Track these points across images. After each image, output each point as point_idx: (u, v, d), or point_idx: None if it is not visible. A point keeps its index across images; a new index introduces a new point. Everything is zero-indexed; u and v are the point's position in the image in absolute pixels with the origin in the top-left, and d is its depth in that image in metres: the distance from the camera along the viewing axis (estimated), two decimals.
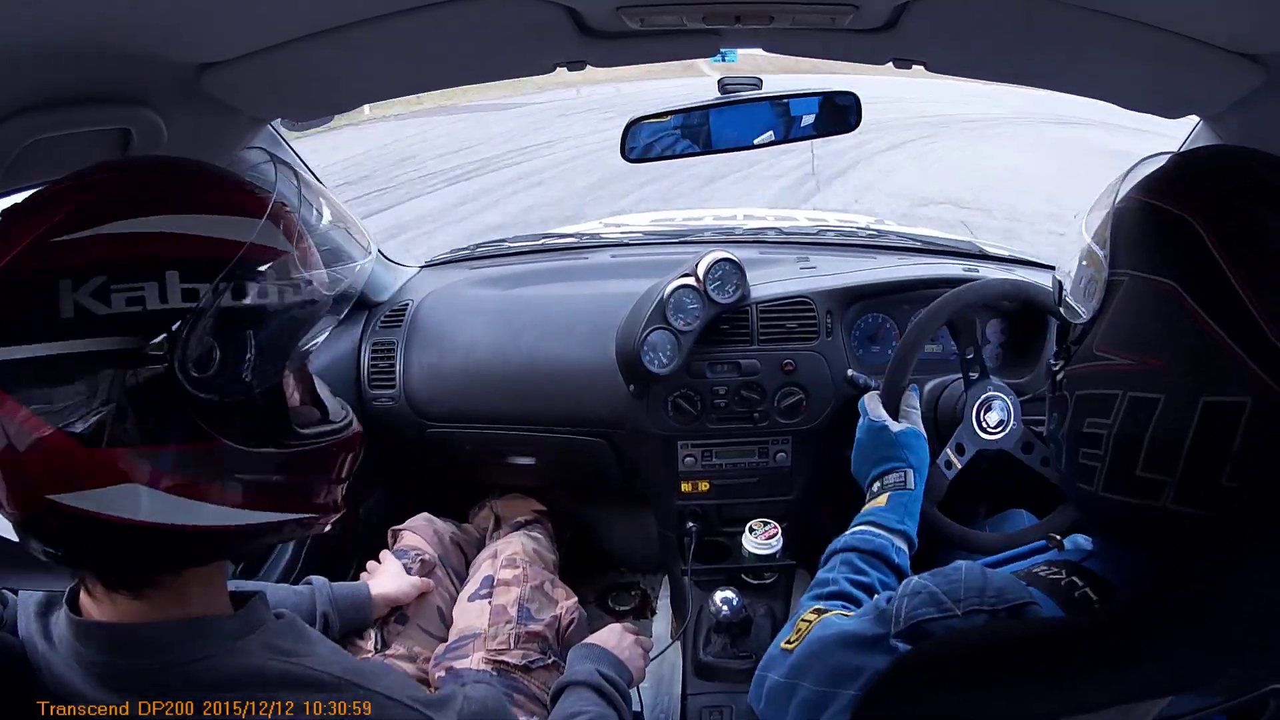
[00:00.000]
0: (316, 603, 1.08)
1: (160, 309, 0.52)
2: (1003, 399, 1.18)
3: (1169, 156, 0.61)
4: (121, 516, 0.53)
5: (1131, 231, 0.58)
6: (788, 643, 0.77)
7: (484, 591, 1.24)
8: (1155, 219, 0.56)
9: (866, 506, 1.03)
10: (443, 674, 1.10)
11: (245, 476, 0.57)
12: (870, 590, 0.89)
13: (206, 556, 0.60)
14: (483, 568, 1.31)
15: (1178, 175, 0.58)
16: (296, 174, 0.65)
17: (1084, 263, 0.62)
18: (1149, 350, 0.55)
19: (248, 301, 0.56)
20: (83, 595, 0.59)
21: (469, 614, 1.21)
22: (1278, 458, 0.50)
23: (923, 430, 1.12)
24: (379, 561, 1.29)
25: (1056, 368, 0.65)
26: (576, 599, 1.31)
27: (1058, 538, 0.74)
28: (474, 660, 1.11)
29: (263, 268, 0.57)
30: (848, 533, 0.99)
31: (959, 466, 1.16)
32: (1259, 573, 0.48)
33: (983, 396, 1.17)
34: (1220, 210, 0.53)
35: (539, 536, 1.44)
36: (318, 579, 1.13)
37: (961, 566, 0.66)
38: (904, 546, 0.97)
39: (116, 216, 0.53)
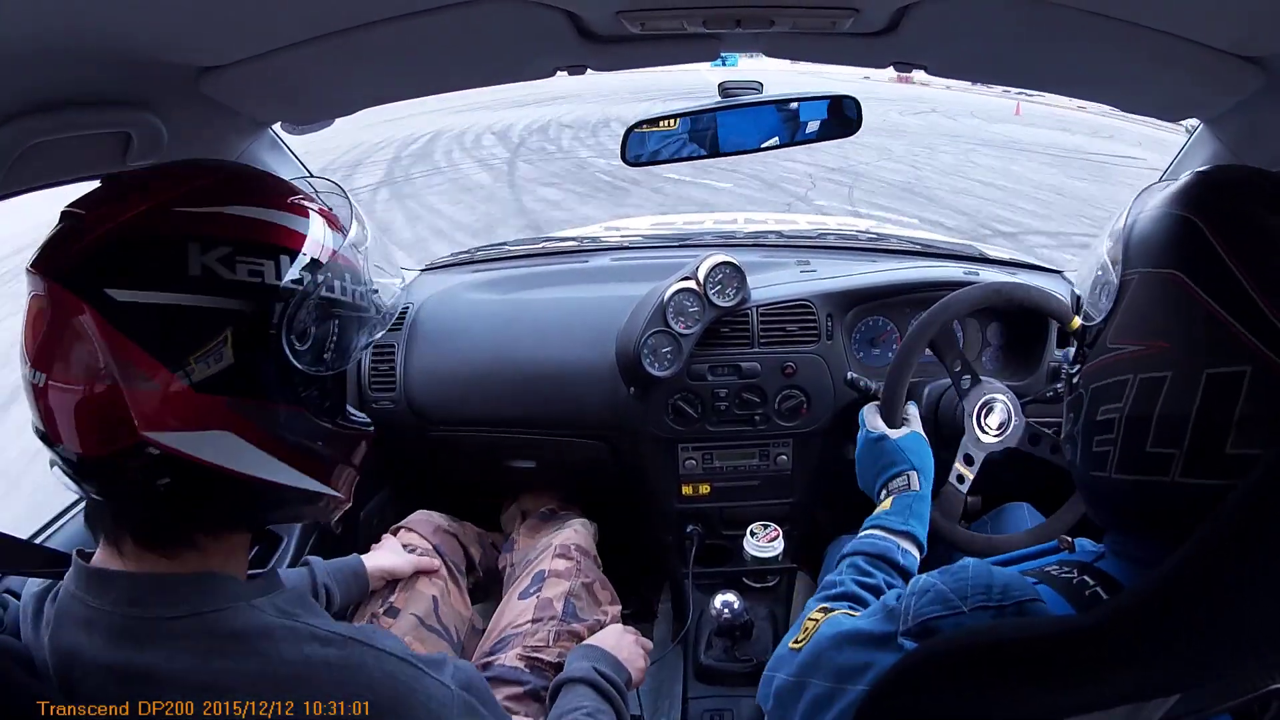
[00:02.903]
0: (316, 576, 1.09)
1: (275, 284, 0.60)
2: (1002, 400, 1.17)
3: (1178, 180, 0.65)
4: (207, 460, 0.59)
5: (1142, 236, 0.63)
6: (795, 642, 0.78)
7: (534, 588, 1.23)
8: (1163, 223, 0.61)
9: (874, 513, 1.03)
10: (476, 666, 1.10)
11: (306, 443, 0.65)
12: (876, 591, 0.90)
13: (253, 514, 0.67)
14: (537, 562, 1.29)
15: (1187, 187, 0.63)
16: (360, 214, 0.73)
17: (1099, 272, 0.67)
18: (1157, 334, 0.59)
19: (335, 295, 0.65)
20: (100, 554, 0.62)
21: (514, 611, 1.20)
22: (1276, 420, 0.53)
23: (923, 434, 1.12)
24: (379, 542, 1.29)
25: (1074, 371, 0.69)
26: (620, 607, 1.29)
27: (1069, 540, 0.76)
28: (509, 658, 1.10)
29: (345, 271, 0.66)
30: (855, 538, 0.99)
31: (971, 478, 1.16)
32: (1261, 570, 0.48)
33: (981, 400, 1.17)
34: (1219, 209, 0.58)
35: (586, 530, 1.42)
36: (314, 558, 1.13)
37: (969, 564, 0.67)
38: (910, 549, 0.97)
39: (237, 201, 0.61)
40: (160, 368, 0.56)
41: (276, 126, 1.16)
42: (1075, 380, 0.68)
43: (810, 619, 0.81)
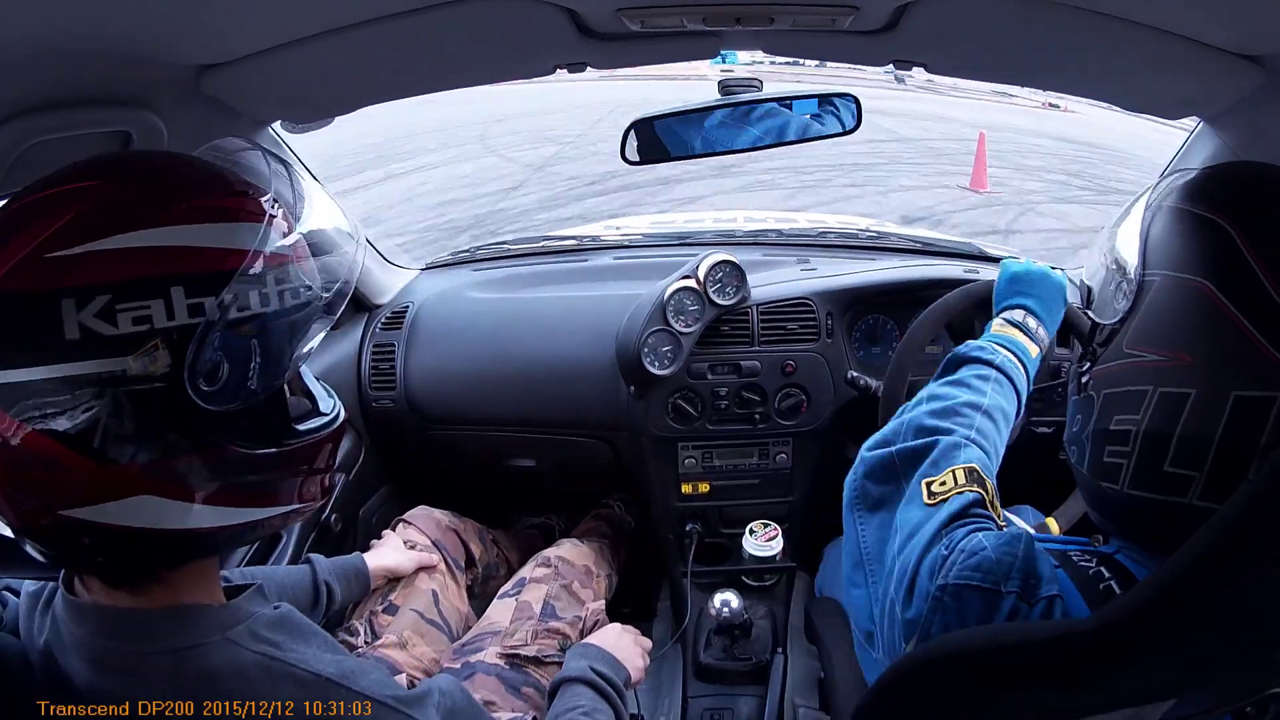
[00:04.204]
0: (317, 574, 1.09)
1: (167, 326, 0.52)
2: None
3: (1198, 170, 0.62)
4: (133, 525, 0.54)
5: (1164, 234, 0.59)
6: (930, 489, 0.70)
7: (514, 590, 1.24)
8: (1187, 222, 0.58)
9: (1020, 338, 0.91)
10: (456, 666, 1.10)
11: (249, 478, 0.59)
12: (1007, 420, 0.83)
13: (208, 553, 0.61)
14: (522, 570, 1.31)
15: (1209, 183, 0.60)
16: (285, 163, 0.64)
17: (1112, 266, 0.63)
18: (1180, 346, 0.56)
19: (251, 310, 0.56)
20: (77, 582, 0.60)
21: (495, 611, 1.21)
22: None
23: None
24: (380, 539, 1.29)
25: (1083, 369, 0.65)
26: (604, 602, 1.30)
27: (1100, 539, 0.73)
28: (488, 654, 1.11)
29: (265, 274, 0.56)
30: (1004, 357, 0.87)
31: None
32: (1256, 578, 0.48)
33: None
34: (1251, 214, 0.55)
35: (584, 545, 1.43)
36: (316, 556, 1.13)
37: (1022, 537, 0.64)
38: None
39: (113, 230, 0.52)
40: (55, 444, 0.51)
41: (277, 125, 1.16)
42: (1085, 380, 0.65)
43: (953, 472, 0.71)
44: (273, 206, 0.59)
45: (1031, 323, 0.94)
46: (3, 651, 0.61)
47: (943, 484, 0.71)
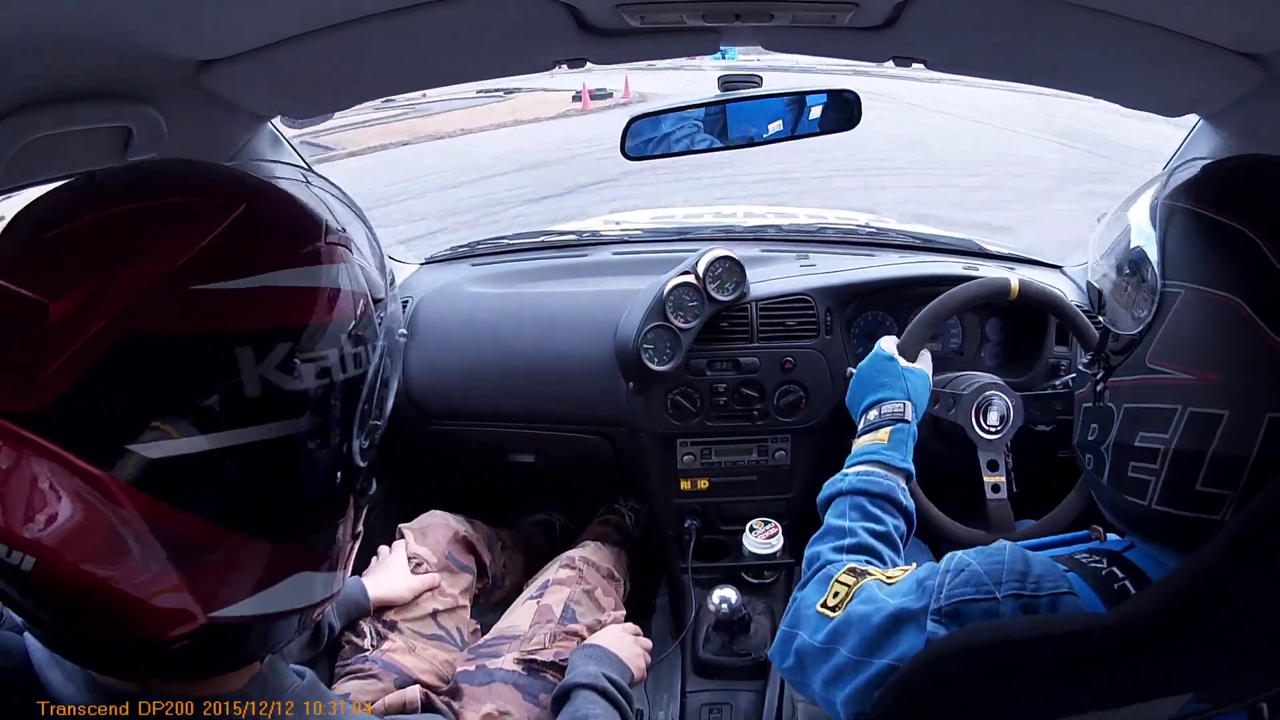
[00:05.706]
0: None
1: (344, 379, 0.46)
2: (1000, 396, 1.17)
3: (1203, 165, 0.61)
4: (279, 611, 0.47)
5: (1185, 242, 0.57)
6: (826, 606, 0.74)
7: (537, 593, 1.24)
8: (1211, 231, 0.56)
9: (865, 441, 0.98)
10: (471, 668, 1.10)
11: (354, 532, 0.53)
12: (888, 540, 0.86)
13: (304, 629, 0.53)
14: (544, 572, 1.30)
15: (1231, 186, 0.58)
16: (336, 185, 0.58)
17: (1126, 271, 0.61)
18: (1210, 365, 0.54)
19: (385, 352, 0.51)
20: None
21: (516, 614, 1.20)
22: None
23: (930, 376, 1.09)
24: (389, 547, 1.28)
25: (1098, 377, 0.64)
26: (624, 612, 1.29)
27: (1100, 530, 0.73)
28: (506, 660, 1.10)
29: (384, 311, 0.52)
30: (852, 473, 0.93)
31: (1004, 482, 1.14)
32: (1275, 578, 0.48)
33: (979, 397, 1.17)
34: (1277, 220, 0.53)
35: (606, 548, 1.43)
36: None
37: (1005, 547, 0.64)
38: (906, 486, 0.93)
39: (278, 263, 0.44)
40: (224, 534, 0.42)
41: (276, 120, 1.16)
42: (1100, 389, 0.64)
43: (840, 581, 0.75)
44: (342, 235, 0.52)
45: (871, 414, 1.02)
46: (4, 650, 0.61)
47: (834, 593, 0.74)
